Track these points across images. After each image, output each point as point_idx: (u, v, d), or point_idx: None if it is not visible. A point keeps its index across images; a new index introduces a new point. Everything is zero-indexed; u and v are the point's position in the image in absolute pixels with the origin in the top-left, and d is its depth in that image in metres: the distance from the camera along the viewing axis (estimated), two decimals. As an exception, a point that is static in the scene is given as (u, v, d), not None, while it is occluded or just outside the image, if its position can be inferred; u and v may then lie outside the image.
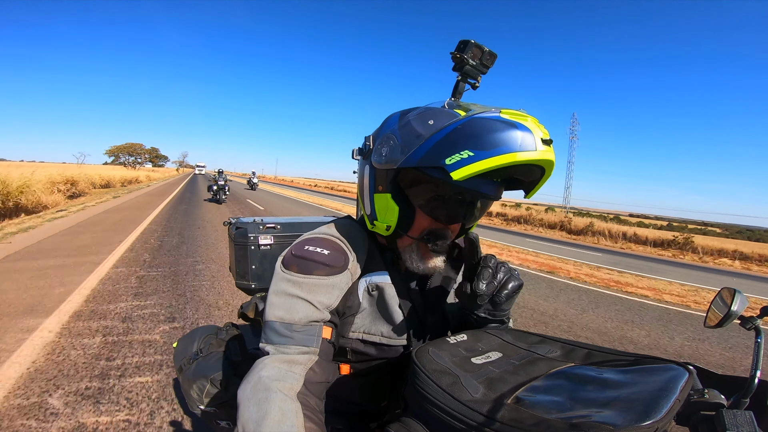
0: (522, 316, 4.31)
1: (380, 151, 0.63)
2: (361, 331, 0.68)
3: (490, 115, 0.54)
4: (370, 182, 0.67)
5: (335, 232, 0.69)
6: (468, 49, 0.66)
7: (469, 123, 0.54)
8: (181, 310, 3.40)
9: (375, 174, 0.66)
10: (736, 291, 0.61)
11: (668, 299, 5.91)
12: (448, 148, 0.53)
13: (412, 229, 0.65)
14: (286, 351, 0.57)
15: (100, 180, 18.99)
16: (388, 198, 0.63)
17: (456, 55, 0.67)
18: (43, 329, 2.88)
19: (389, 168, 0.62)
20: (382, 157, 0.63)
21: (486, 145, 0.51)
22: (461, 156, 0.52)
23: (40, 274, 4.23)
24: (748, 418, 0.46)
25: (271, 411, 0.47)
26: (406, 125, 0.61)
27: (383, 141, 0.63)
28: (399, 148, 0.60)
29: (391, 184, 0.63)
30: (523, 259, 8.45)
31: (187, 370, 0.84)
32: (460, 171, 0.52)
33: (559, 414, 0.43)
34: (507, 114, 0.54)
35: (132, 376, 2.33)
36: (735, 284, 6.95)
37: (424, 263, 0.67)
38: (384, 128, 0.66)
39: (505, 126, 0.52)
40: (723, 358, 3.74)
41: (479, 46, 0.67)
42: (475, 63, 0.68)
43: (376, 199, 0.66)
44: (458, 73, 0.69)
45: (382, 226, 0.66)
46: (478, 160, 0.51)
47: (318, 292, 0.60)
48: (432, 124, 0.57)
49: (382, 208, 0.65)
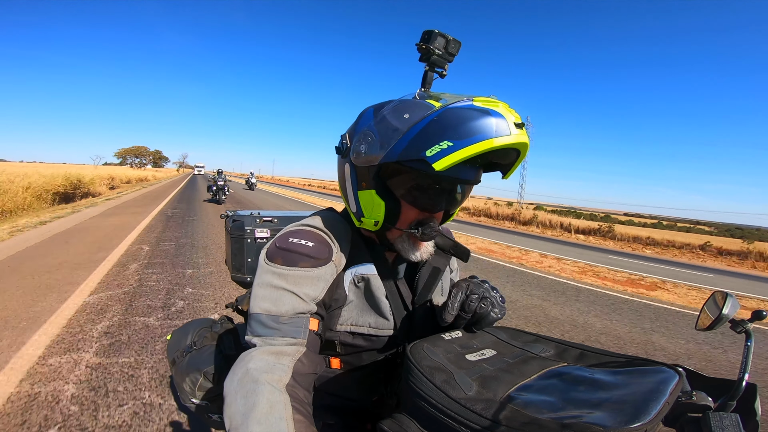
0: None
1: (359, 148, 0.63)
2: (348, 324, 0.68)
3: (464, 104, 0.55)
4: (352, 180, 0.67)
5: (319, 224, 0.70)
6: (433, 39, 0.67)
7: (445, 114, 0.55)
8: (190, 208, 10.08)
9: (356, 171, 0.66)
10: (727, 294, 0.61)
11: (528, 264, 7.93)
12: (427, 140, 0.55)
13: (400, 221, 0.66)
14: (273, 342, 0.57)
15: (125, 178, 26.82)
16: (373, 194, 0.64)
17: (422, 46, 0.68)
18: (136, 229, 7.26)
19: (370, 164, 0.62)
20: (362, 154, 0.63)
21: (463, 134, 0.53)
22: (441, 147, 0.53)
23: (127, 213, 9.73)
24: (734, 421, 0.47)
25: (259, 403, 0.47)
26: (382, 120, 0.61)
27: (361, 138, 0.63)
28: (378, 144, 0.60)
29: (374, 180, 0.64)
30: (466, 243, 10.10)
31: (180, 363, 0.84)
32: (441, 162, 0.54)
33: (550, 414, 0.43)
34: (479, 102, 0.56)
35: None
36: (599, 257, 9.65)
37: (416, 251, 0.68)
38: (359, 125, 0.66)
39: (479, 114, 0.54)
40: (533, 303, 4.96)
41: (443, 35, 0.68)
42: (441, 52, 0.69)
43: (360, 197, 0.66)
44: (425, 64, 0.69)
45: (370, 221, 0.66)
46: (458, 149, 0.53)
47: (303, 284, 0.61)
48: (408, 117, 0.58)
49: (368, 205, 0.65)
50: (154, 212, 10.08)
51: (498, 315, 0.68)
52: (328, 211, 0.78)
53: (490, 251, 9.13)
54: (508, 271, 6.97)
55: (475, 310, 0.67)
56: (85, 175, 15.76)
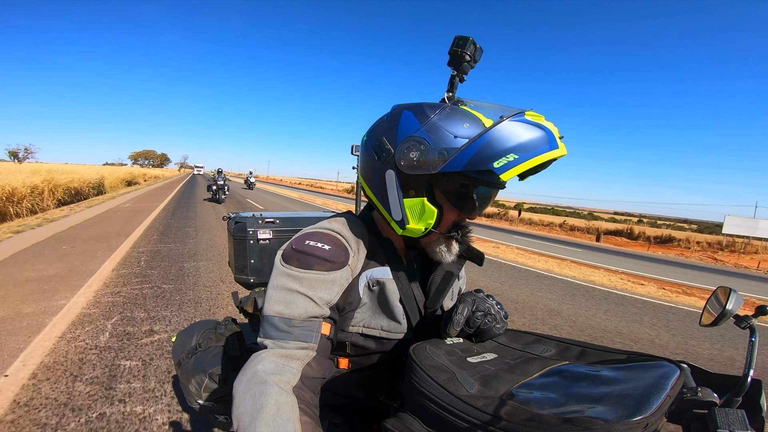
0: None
1: (408, 155, 0.62)
2: (361, 325, 0.68)
3: (521, 119, 0.59)
4: (397, 187, 0.65)
5: (336, 226, 0.69)
6: (467, 46, 0.68)
7: (507, 127, 0.58)
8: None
9: (401, 178, 0.64)
10: (731, 290, 0.61)
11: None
12: (495, 153, 0.57)
13: (441, 225, 0.67)
14: (285, 346, 0.57)
15: (147, 175, 40.07)
16: (425, 202, 0.64)
17: (457, 52, 0.69)
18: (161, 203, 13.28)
19: (426, 172, 0.61)
20: (413, 161, 0.61)
21: (528, 147, 0.57)
22: (508, 159, 0.57)
23: (160, 191, 20.54)
24: (740, 417, 0.46)
25: (267, 404, 0.47)
26: (436, 129, 0.61)
27: (410, 144, 0.62)
28: (435, 152, 0.60)
29: (426, 188, 0.64)
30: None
31: (186, 364, 0.84)
32: (508, 172, 0.57)
33: (552, 409, 0.43)
34: (530, 116, 0.59)
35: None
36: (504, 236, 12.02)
37: (451, 254, 0.70)
38: (403, 129, 0.64)
39: (534, 128, 0.58)
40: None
41: (474, 43, 0.70)
42: (470, 59, 0.70)
43: (407, 204, 0.65)
44: (453, 69, 0.70)
45: (420, 228, 0.65)
46: (523, 161, 0.57)
47: (318, 288, 0.60)
48: (468, 127, 0.60)
49: (417, 212, 0.65)
50: (177, 189, 22.83)
51: (500, 331, 0.71)
52: (347, 214, 0.78)
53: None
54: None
55: (479, 326, 0.69)
56: (131, 172, 31.76)
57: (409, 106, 0.66)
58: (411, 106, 0.66)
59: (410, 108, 0.65)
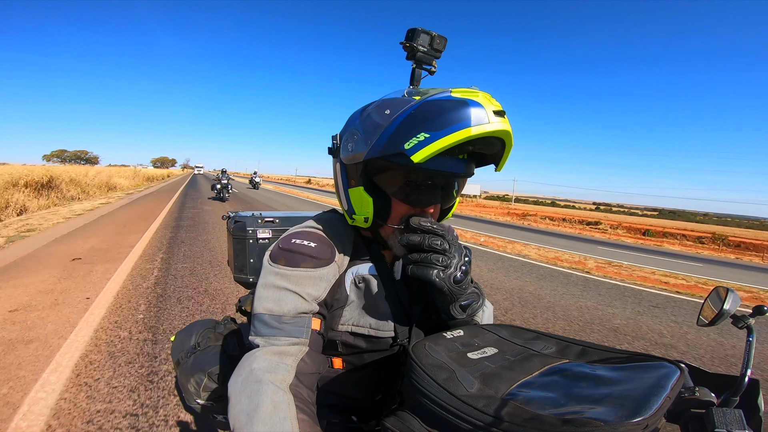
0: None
1: (346, 146, 0.66)
2: (350, 324, 0.68)
3: (441, 96, 0.56)
4: (342, 178, 0.69)
5: (321, 224, 0.71)
6: (416, 37, 0.68)
7: (423, 106, 0.56)
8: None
9: (346, 169, 0.68)
10: (729, 290, 0.61)
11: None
12: (405, 134, 0.56)
13: (391, 217, 0.66)
14: (276, 342, 0.58)
15: (165, 174, 63.41)
16: (361, 191, 0.65)
17: (405, 45, 0.69)
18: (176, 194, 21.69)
19: (357, 161, 0.64)
20: (349, 152, 0.65)
21: (440, 124, 0.53)
22: (418, 139, 0.54)
23: (179, 180, 43.11)
24: (738, 417, 0.47)
25: (263, 403, 0.47)
26: (367, 118, 0.63)
27: (348, 137, 0.66)
28: (363, 141, 0.62)
29: (362, 177, 0.65)
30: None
31: (185, 364, 0.84)
32: (419, 153, 0.54)
33: (552, 410, 0.43)
34: (458, 92, 0.56)
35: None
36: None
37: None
38: (348, 125, 0.68)
39: (456, 104, 0.54)
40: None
41: (427, 32, 0.69)
42: (426, 49, 0.70)
43: (351, 194, 0.68)
44: (412, 61, 0.70)
45: (361, 218, 0.67)
46: (435, 140, 0.53)
47: (306, 284, 0.62)
48: (389, 113, 0.59)
49: (357, 202, 0.66)
50: (186, 181, 38.66)
51: (477, 303, 0.68)
52: (331, 212, 0.79)
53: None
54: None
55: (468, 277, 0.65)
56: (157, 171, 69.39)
57: (365, 105, 0.68)
58: (367, 104, 0.68)
59: (364, 105, 0.68)
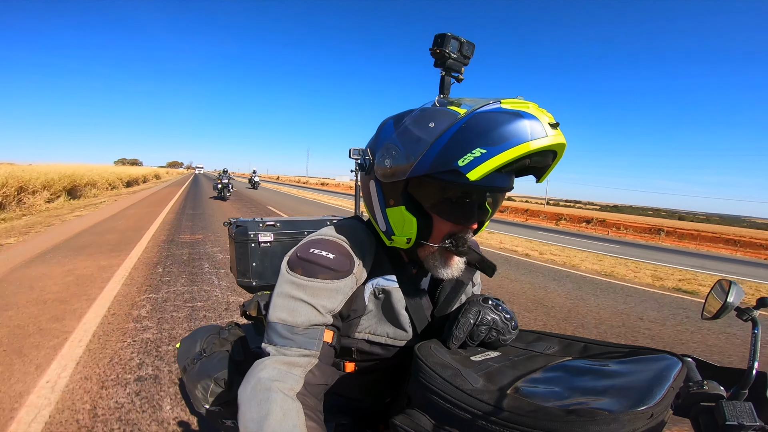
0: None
1: (383, 163, 0.60)
2: (366, 332, 0.67)
3: (492, 108, 0.52)
4: (379, 197, 0.64)
5: (342, 234, 0.68)
6: (446, 43, 0.65)
7: (474, 119, 0.52)
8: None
9: (382, 188, 0.63)
10: (732, 282, 0.61)
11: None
12: (458, 149, 0.52)
13: (432, 236, 0.62)
14: (287, 353, 0.57)
15: (177, 173, 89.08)
16: (403, 210, 0.61)
17: (436, 51, 0.66)
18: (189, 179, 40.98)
19: (397, 179, 0.59)
20: (387, 169, 0.60)
21: (496, 139, 0.49)
22: (474, 155, 0.50)
23: (184, 176, 62.23)
24: (748, 409, 0.47)
25: (273, 411, 0.48)
26: (405, 131, 0.58)
27: (384, 152, 0.61)
28: (403, 156, 0.57)
29: (402, 196, 0.61)
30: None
31: (191, 370, 0.84)
32: (476, 171, 0.50)
33: (556, 402, 0.44)
34: (508, 104, 0.53)
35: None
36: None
37: (449, 268, 0.64)
38: (381, 138, 0.63)
39: (510, 117, 0.50)
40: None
41: (456, 38, 0.66)
42: (456, 56, 0.67)
43: (389, 214, 0.63)
44: (441, 69, 0.68)
45: (402, 239, 0.63)
46: (492, 156, 0.50)
47: (321, 296, 0.60)
48: (433, 126, 0.55)
49: (398, 222, 0.62)
50: (190, 178, 49.37)
51: (506, 342, 0.66)
52: (353, 219, 0.76)
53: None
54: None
55: (482, 340, 0.64)
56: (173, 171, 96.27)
57: (395, 115, 0.64)
58: (397, 114, 0.64)
59: (394, 116, 0.64)
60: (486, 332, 0.64)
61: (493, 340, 0.65)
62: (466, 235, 0.63)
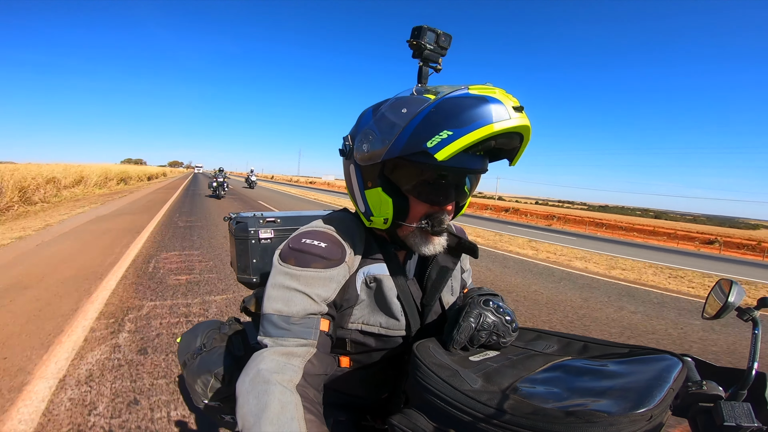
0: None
1: (361, 147, 0.64)
2: (360, 322, 0.68)
3: (460, 93, 0.56)
4: (358, 180, 0.68)
5: (332, 224, 0.70)
6: (422, 35, 0.68)
7: (442, 104, 0.56)
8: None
9: (361, 171, 0.67)
10: (732, 282, 0.61)
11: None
12: (427, 132, 0.55)
13: (409, 217, 0.66)
14: (284, 343, 0.58)
15: (179, 172, 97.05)
16: (380, 192, 0.64)
17: (413, 42, 0.69)
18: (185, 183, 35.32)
19: (374, 162, 0.63)
20: (365, 153, 0.64)
21: (463, 122, 0.53)
22: (441, 137, 0.54)
23: (185, 174, 77.51)
24: (746, 410, 0.47)
25: (271, 403, 0.48)
26: (381, 118, 0.62)
27: (362, 137, 0.64)
28: (379, 141, 0.61)
29: (379, 178, 0.65)
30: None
31: (191, 365, 0.85)
32: (443, 151, 0.54)
33: (555, 403, 0.43)
34: (475, 89, 0.56)
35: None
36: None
37: (428, 246, 0.67)
38: (360, 125, 0.67)
39: (476, 101, 0.54)
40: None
41: (433, 30, 0.69)
42: (432, 47, 0.70)
43: (367, 196, 0.67)
44: (419, 59, 0.70)
45: (380, 220, 0.66)
46: (458, 137, 0.53)
47: (315, 285, 0.61)
48: (405, 111, 0.59)
49: (376, 203, 0.66)
50: (190, 176, 55.99)
51: (506, 344, 0.67)
52: (342, 212, 0.79)
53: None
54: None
55: (483, 343, 0.66)
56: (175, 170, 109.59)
57: (375, 104, 0.68)
58: (376, 103, 0.68)
59: (373, 105, 0.68)
60: (486, 336, 0.65)
61: (493, 343, 0.66)
62: (442, 216, 0.66)
